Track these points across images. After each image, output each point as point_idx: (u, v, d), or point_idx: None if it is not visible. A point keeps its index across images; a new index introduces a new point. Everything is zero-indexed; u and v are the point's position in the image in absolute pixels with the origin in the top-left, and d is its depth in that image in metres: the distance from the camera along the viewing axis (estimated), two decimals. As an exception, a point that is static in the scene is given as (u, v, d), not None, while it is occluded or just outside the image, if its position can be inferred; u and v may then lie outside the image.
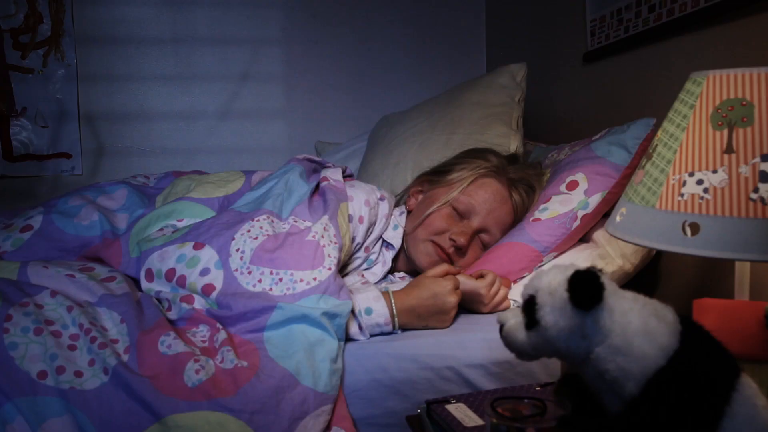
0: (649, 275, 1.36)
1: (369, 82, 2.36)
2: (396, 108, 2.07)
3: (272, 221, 1.16)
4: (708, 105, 0.79)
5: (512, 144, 1.58)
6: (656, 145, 0.86)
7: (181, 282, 1.07)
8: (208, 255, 1.09)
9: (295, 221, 1.18)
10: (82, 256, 1.21)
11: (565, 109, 1.79)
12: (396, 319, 1.07)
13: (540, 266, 1.24)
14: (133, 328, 0.95)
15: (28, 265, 1.06)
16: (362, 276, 1.25)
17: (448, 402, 0.92)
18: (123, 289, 1.05)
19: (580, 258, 1.24)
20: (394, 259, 1.36)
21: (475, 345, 1.05)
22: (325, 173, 1.33)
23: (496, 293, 1.16)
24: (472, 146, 1.56)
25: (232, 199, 1.29)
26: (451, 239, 1.27)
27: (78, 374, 0.88)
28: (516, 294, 1.21)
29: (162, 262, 1.10)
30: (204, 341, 0.99)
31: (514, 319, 0.72)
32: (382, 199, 1.34)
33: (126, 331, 0.95)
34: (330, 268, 1.07)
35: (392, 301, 1.07)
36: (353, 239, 1.24)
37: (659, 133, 0.87)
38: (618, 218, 0.88)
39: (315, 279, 1.06)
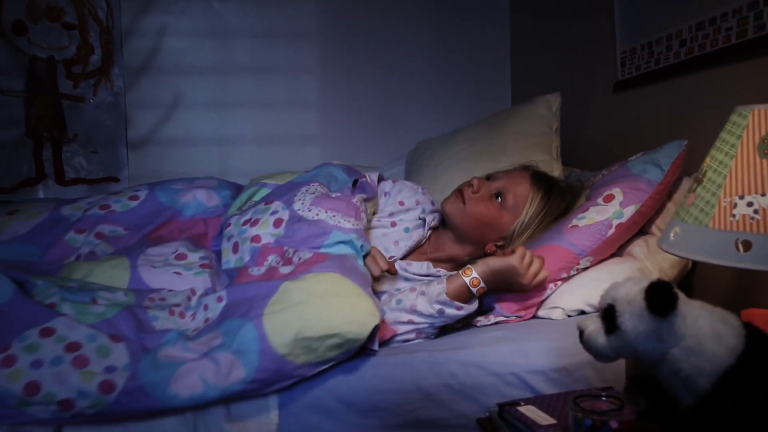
0: (683, 288, 1.46)
1: (399, 110, 2.48)
2: (424, 134, 2.19)
3: (324, 188, 1.46)
4: (754, 136, 0.90)
5: (554, 171, 1.69)
6: (705, 171, 0.96)
7: (255, 223, 1.35)
8: (275, 205, 1.38)
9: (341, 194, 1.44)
10: (166, 227, 1.45)
11: (596, 135, 1.90)
12: (481, 281, 1.25)
13: (576, 268, 1.34)
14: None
15: (138, 268, 1.20)
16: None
17: (518, 404, 1.01)
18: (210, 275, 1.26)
19: (620, 271, 1.34)
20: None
21: (535, 353, 1.14)
22: (364, 173, 1.57)
23: (530, 264, 1.25)
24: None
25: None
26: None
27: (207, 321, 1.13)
28: (566, 302, 1.31)
29: (241, 216, 1.39)
30: (278, 262, 1.27)
31: (594, 325, 0.82)
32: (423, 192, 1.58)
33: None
34: (362, 226, 1.35)
35: (472, 269, 1.25)
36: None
37: (708, 160, 0.97)
38: (672, 237, 0.98)
39: (355, 226, 1.32)
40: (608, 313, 0.79)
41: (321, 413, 1.08)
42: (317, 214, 1.34)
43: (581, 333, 0.83)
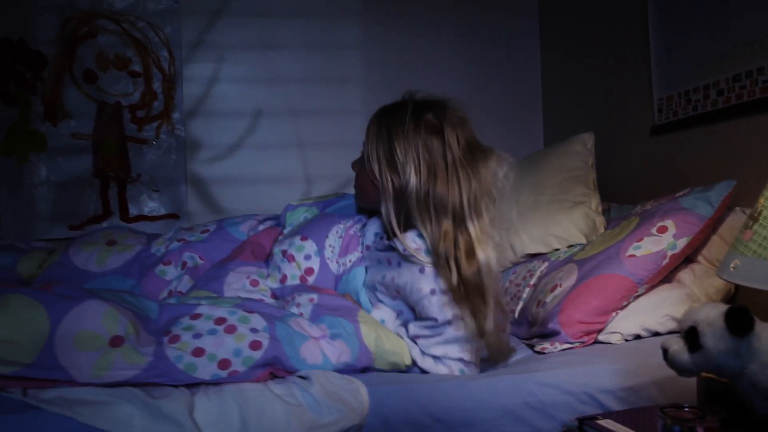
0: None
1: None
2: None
3: (348, 228, 1.55)
4: (804, 180, 1.04)
5: (593, 202, 1.83)
6: (761, 210, 1.10)
7: (291, 258, 1.49)
8: (308, 246, 1.51)
9: None
10: (238, 250, 1.59)
11: (633, 173, 2.05)
12: None
13: (636, 296, 1.47)
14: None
15: (244, 301, 1.35)
16: None
17: (597, 418, 1.13)
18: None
19: (671, 297, 1.47)
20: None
21: (604, 374, 1.27)
22: None
23: None
24: (558, 206, 1.82)
25: (329, 204, 1.70)
26: None
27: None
28: (623, 327, 1.44)
29: (280, 244, 1.54)
30: None
31: (676, 345, 0.95)
32: None
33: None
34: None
35: None
36: None
37: (761, 200, 1.11)
38: (732, 268, 1.11)
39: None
40: (691, 334, 0.92)
41: (413, 427, 1.20)
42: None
43: (665, 352, 0.96)
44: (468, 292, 1.28)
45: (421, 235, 1.36)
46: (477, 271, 1.29)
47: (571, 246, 1.78)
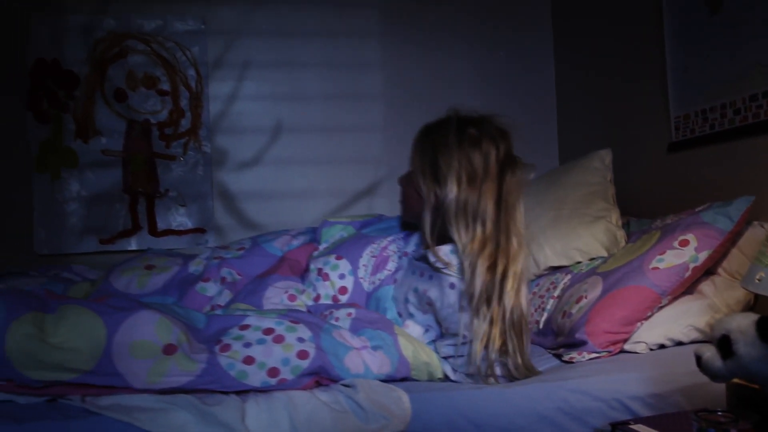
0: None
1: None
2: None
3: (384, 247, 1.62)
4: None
5: (613, 217, 1.89)
6: (783, 225, 1.17)
7: (326, 277, 1.57)
8: (342, 266, 1.58)
9: None
10: (276, 265, 1.67)
11: (651, 188, 2.11)
12: None
13: (660, 307, 1.53)
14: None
15: (289, 312, 1.41)
16: None
17: (630, 423, 1.19)
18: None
19: (693, 308, 1.53)
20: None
21: (633, 381, 1.33)
22: None
23: None
24: (579, 221, 1.88)
25: (365, 224, 1.76)
26: None
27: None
28: (648, 337, 1.50)
29: (315, 261, 1.60)
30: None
31: (709, 352, 1.01)
32: None
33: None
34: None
35: None
36: None
37: (784, 216, 1.18)
38: (756, 280, 1.18)
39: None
40: (723, 342, 0.98)
41: (452, 430, 1.26)
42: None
43: (698, 359, 1.02)
44: (498, 296, 1.34)
45: (454, 252, 1.42)
46: (510, 275, 1.36)
47: (592, 259, 1.84)
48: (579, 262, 1.86)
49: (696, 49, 1.81)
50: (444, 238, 1.45)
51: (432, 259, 1.43)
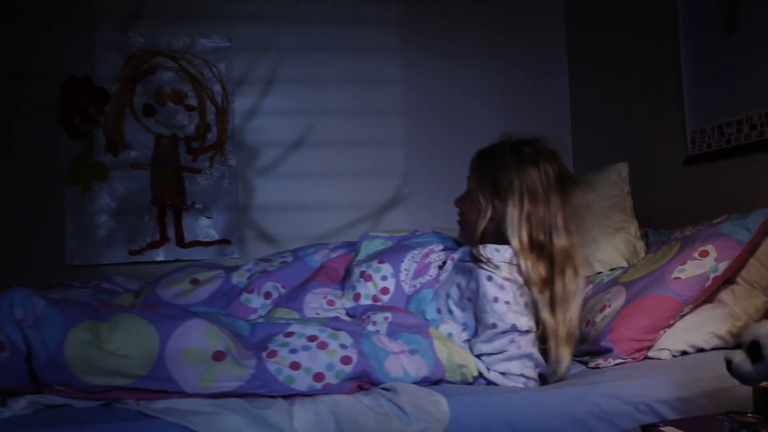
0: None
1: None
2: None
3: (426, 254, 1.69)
4: None
5: (632, 228, 1.96)
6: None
7: (368, 278, 1.64)
8: (385, 268, 1.65)
9: None
10: (315, 273, 1.74)
11: (667, 200, 2.18)
12: None
13: (682, 315, 1.59)
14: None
15: (330, 320, 1.48)
16: None
17: (659, 426, 1.25)
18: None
19: (714, 316, 1.59)
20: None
21: (660, 386, 1.38)
22: None
23: None
24: (600, 232, 1.95)
25: (404, 239, 1.83)
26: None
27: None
28: (671, 344, 1.56)
29: (359, 265, 1.68)
30: None
31: (739, 356, 1.07)
32: None
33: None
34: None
35: None
36: None
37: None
38: (778, 288, 1.24)
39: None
40: (753, 347, 1.04)
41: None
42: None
43: (729, 363, 1.08)
44: (557, 303, 1.42)
45: (498, 251, 1.49)
46: (563, 285, 1.43)
47: (612, 269, 1.91)
48: (599, 273, 1.93)
49: (712, 67, 1.88)
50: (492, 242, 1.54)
51: (476, 253, 1.51)
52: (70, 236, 2.46)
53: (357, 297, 1.63)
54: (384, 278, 1.65)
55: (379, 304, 1.62)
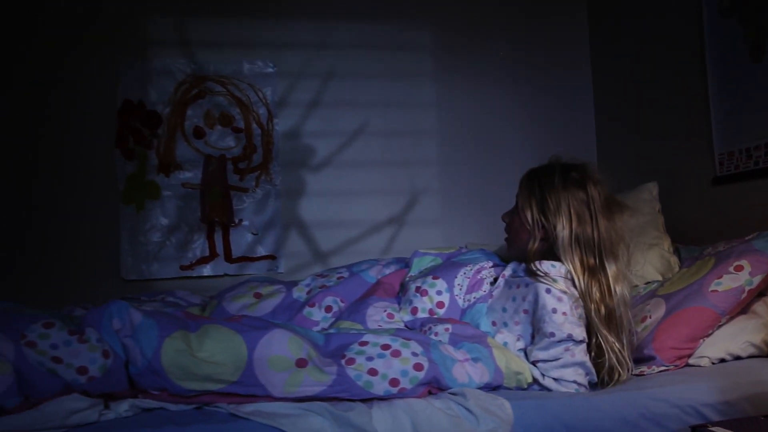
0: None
1: (499, 196, 2.90)
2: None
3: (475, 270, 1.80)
4: None
5: (665, 244, 2.08)
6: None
7: (424, 293, 1.74)
8: (440, 284, 1.75)
9: None
10: (372, 288, 1.85)
11: (696, 218, 2.30)
12: None
13: (719, 326, 1.70)
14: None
15: (398, 331, 1.59)
16: None
17: (707, 426, 1.37)
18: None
19: (748, 326, 1.71)
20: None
21: (704, 390, 1.50)
22: None
23: None
24: (635, 248, 2.07)
25: (452, 255, 1.95)
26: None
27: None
28: (710, 352, 1.68)
29: (414, 281, 1.79)
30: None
31: (785, 361, 1.19)
32: None
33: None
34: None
35: None
36: None
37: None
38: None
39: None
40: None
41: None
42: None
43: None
44: (607, 322, 1.54)
45: (553, 266, 1.62)
46: (615, 304, 1.54)
47: (648, 282, 2.03)
48: (636, 286, 2.05)
49: (739, 93, 2.01)
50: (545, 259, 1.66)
51: (533, 268, 1.63)
52: (125, 252, 2.58)
53: (414, 311, 1.75)
54: (439, 293, 1.76)
55: (435, 317, 1.74)
